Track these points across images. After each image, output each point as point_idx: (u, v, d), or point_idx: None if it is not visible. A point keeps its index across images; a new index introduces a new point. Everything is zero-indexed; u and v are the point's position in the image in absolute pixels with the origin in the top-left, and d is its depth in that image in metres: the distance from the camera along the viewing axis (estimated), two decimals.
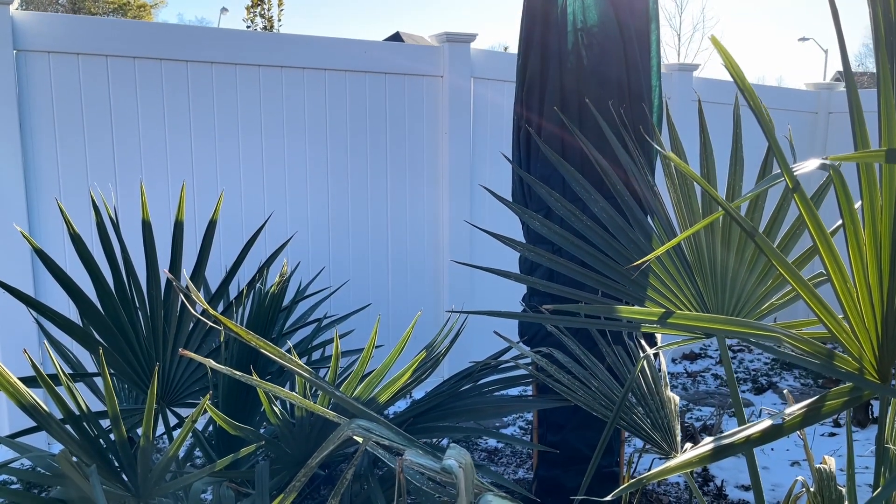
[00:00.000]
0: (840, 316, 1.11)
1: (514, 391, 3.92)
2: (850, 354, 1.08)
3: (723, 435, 0.94)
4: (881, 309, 1.07)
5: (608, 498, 0.94)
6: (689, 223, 1.76)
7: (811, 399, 1.01)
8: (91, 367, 2.85)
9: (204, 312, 2.00)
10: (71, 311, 2.91)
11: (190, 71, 3.19)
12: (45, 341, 2.21)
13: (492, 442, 3.41)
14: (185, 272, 2.09)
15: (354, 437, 1.07)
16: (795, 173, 0.98)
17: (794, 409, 1.00)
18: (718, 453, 0.93)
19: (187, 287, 1.84)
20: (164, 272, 1.90)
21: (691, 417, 3.68)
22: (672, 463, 0.90)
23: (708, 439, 0.92)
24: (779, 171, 1.07)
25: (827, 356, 1.05)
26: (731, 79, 1.05)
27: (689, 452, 0.91)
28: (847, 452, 1.41)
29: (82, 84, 3.00)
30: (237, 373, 1.15)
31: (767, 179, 1.08)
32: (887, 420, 1.30)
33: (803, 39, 29.97)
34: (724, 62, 0.89)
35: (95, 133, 3.05)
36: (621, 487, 0.89)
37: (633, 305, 1.65)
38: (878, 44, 1.02)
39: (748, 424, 0.96)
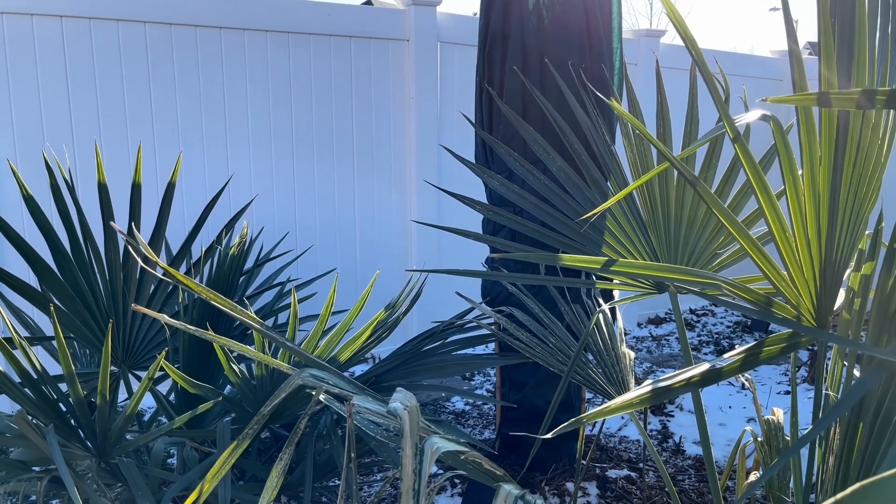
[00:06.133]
0: (784, 272, 1.15)
1: (481, 352, 3.97)
2: (789, 302, 1.12)
3: (662, 378, 0.97)
4: (819, 258, 1.11)
5: (548, 436, 0.97)
6: (645, 182, 1.78)
7: (749, 344, 1.04)
8: (51, 333, 2.82)
9: (164, 273, 1.99)
10: (31, 278, 2.86)
11: (148, 33, 3.11)
12: (2, 305, 2.18)
13: (459, 405, 3.46)
14: (144, 235, 2.07)
15: (308, 390, 1.09)
16: (737, 123, 1.00)
17: (733, 353, 1.03)
18: (658, 394, 0.96)
19: (139, 247, 1.82)
20: (120, 234, 1.88)
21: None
22: (613, 403, 0.93)
23: (647, 381, 0.95)
24: (728, 124, 1.09)
25: (765, 303, 1.08)
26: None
27: (630, 393, 0.94)
28: (791, 402, 1.46)
29: (37, 45, 2.91)
30: (191, 328, 1.15)
31: (713, 130, 1.10)
32: (826, 369, 1.34)
33: (774, 10, 30.12)
34: (667, 10, 0.90)
35: (51, 93, 2.98)
36: (559, 427, 0.92)
37: None
38: None
39: (687, 368, 0.99)
